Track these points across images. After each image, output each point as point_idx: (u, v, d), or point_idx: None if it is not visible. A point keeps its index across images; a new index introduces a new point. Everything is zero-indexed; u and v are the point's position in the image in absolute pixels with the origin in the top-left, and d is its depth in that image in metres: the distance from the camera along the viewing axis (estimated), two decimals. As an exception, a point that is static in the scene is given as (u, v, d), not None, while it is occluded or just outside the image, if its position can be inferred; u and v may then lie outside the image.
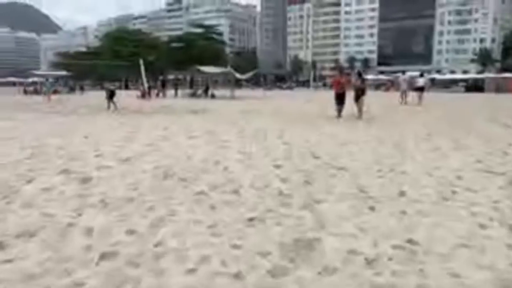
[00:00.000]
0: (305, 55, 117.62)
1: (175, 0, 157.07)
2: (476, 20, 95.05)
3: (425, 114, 14.10)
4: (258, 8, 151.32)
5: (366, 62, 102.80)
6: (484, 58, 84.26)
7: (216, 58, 73.75)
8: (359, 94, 11.38)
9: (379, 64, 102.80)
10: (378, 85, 50.94)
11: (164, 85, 27.51)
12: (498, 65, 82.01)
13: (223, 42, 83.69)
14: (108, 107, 15.41)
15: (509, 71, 57.59)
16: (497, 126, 10.00)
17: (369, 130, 9.05)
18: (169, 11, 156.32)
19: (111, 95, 15.53)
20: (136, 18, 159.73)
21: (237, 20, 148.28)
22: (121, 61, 57.43)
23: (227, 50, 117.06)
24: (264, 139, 7.63)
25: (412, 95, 19.32)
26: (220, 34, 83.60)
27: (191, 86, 32.03)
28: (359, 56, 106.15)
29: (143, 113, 14.24)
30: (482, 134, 8.46)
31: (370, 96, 11.70)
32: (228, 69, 26.35)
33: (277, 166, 5.20)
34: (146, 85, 22.19)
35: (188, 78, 35.62)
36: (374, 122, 10.69)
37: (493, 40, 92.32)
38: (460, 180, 4.51)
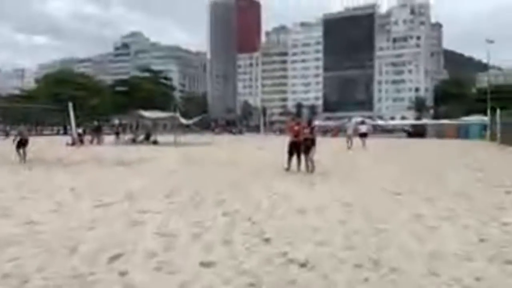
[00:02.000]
0: (255, 100, 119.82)
1: (123, 45, 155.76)
2: (410, 71, 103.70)
3: (382, 163, 13.20)
4: (209, 56, 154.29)
5: (312, 108, 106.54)
6: (419, 106, 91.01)
7: (164, 103, 72.01)
8: (309, 144, 10.07)
9: (325, 110, 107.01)
10: (325, 131, 51.68)
11: (99, 130, 24.92)
12: (431, 111, 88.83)
13: (171, 87, 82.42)
14: (21, 158, 12.73)
15: (441, 118, 61.96)
16: (465, 178, 9.08)
17: (327, 188, 7.60)
18: (116, 55, 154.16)
19: (22, 143, 12.81)
20: (81, 61, 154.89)
21: (188, 66, 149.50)
22: (58, 105, 53.43)
23: (177, 95, 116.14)
24: (198, 206, 5.82)
25: (356, 140, 20.58)
26: (168, 78, 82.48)
27: (134, 132, 29.64)
28: (306, 103, 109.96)
29: (62, 165, 11.84)
30: (456, 190, 7.33)
31: (319, 142, 10.50)
32: (172, 113, 24.60)
33: (208, 265, 3.38)
34: (76, 131, 19.62)
35: (135, 123, 33.34)
36: (330, 176, 9.33)
37: (426, 90, 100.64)
38: (481, 283, 3.00)
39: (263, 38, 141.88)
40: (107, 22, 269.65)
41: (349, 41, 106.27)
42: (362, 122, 22.85)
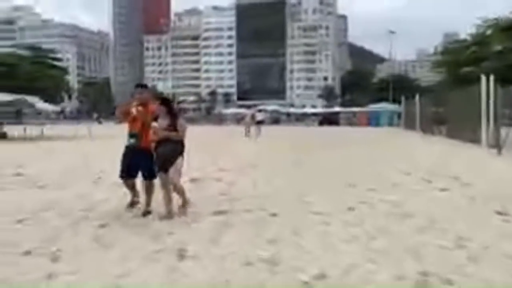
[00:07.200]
0: (164, 86, 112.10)
1: (6, 21, 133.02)
2: (320, 61, 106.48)
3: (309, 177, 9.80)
4: (112, 36, 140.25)
5: (227, 96, 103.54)
6: (328, 94, 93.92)
7: (55, 87, 61.59)
8: (166, 153, 4.12)
9: (239, 98, 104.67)
10: (240, 119, 48.70)
11: None
12: (339, 100, 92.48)
13: (63, 69, 71.21)
14: None
15: (347, 106, 63.85)
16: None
17: (204, 276, 3.68)
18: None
19: None
20: None
21: (87, 48, 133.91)
22: None
23: (75, 80, 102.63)
24: None
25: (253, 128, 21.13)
26: (59, 59, 71.07)
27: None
28: (220, 90, 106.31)
29: None
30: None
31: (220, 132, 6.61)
32: (20, 96, 18.46)
33: None
34: None
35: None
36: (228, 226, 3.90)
37: (333, 79, 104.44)
38: None
39: (172, 20, 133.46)
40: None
41: (261, 28, 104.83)
42: (259, 111, 25.00)
